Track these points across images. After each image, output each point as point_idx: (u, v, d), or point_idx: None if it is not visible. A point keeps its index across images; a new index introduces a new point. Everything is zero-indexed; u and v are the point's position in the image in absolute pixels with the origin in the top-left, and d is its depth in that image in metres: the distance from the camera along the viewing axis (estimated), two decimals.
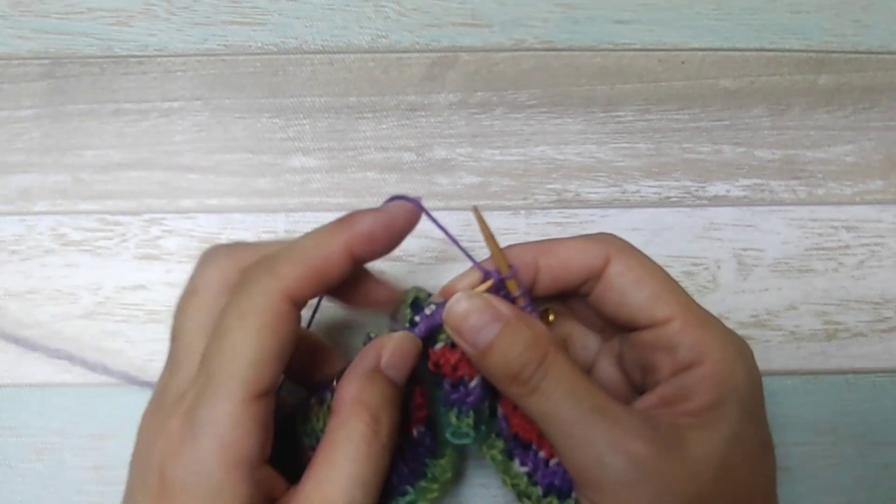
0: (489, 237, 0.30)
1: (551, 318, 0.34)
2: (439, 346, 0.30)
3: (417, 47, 0.43)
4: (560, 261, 0.30)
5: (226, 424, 0.25)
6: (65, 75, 0.42)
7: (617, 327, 0.32)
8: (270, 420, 0.26)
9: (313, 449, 0.29)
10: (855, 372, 0.40)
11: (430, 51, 0.43)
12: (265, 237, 0.41)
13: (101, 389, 0.39)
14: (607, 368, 0.33)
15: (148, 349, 0.39)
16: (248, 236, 0.41)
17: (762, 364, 0.40)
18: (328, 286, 0.28)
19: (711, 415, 0.27)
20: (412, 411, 0.31)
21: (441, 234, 0.41)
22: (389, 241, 0.29)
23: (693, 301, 0.29)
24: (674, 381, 0.28)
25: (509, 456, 0.30)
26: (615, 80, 0.43)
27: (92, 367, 0.38)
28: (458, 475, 0.38)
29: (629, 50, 0.43)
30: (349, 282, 0.30)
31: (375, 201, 0.42)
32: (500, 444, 0.31)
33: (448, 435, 0.30)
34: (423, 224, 0.41)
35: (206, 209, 0.41)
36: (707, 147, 0.43)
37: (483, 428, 0.30)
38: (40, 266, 0.40)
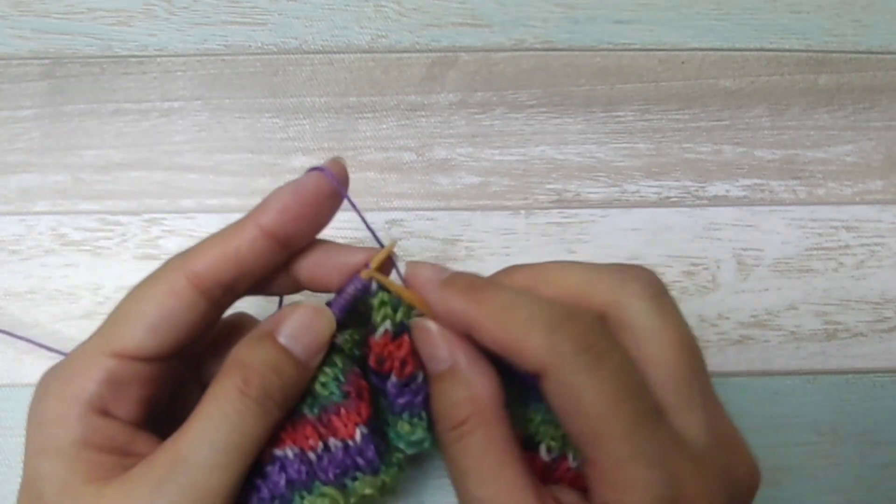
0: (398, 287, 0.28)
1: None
2: (380, 333, 0.27)
3: (417, 47, 0.43)
4: (492, 343, 0.25)
5: (73, 366, 0.26)
6: (65, 75, 0.42)
7: None
8: (133, 381, 0.26)
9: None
10: (855, 372, 0.40)
11: (430, 51, 0.43)
12: None
13: None
14: None
15: None
16: None
17: (762, 364, 0.40)
18: (251, 272, 0.27)
19: None
20: (341, 409, 0.28)
21: (440, 235, 0.41)
22: (307, 212, 0.27)
23: (633, 451, 0.23)
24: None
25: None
26: (615, 80, 0.43)
27: None
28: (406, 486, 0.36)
29: (629, 50, 0.43)
30: (302, 261, 0.29)
31: (375, 201, 0.42)
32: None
33: (402, 445, 0.28)
34: (424, 224, 0.42)
35: (206, 209, 0.41)
36: (707, 147, 0.43)
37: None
38: (40, 266, 0.40)
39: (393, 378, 0.28)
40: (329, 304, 0.28)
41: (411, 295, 0.27)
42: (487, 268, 0.41)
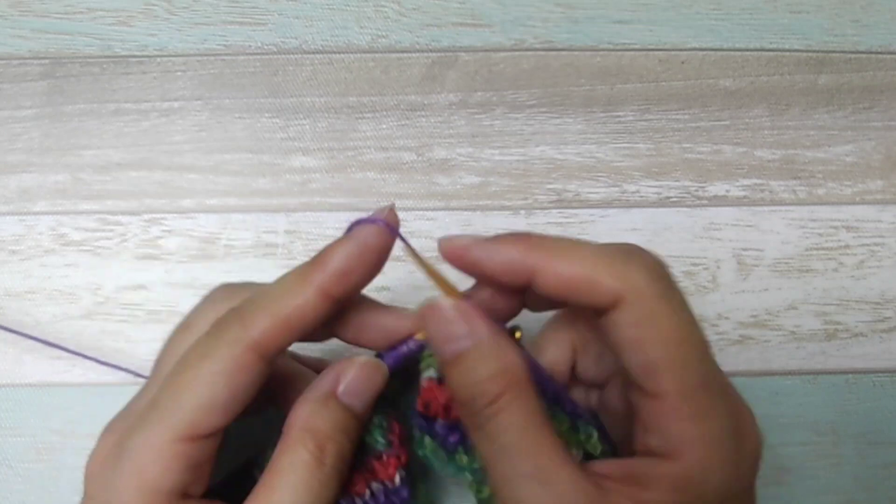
0: (431, 272, 0.27)
1: (518, 335, 0.29)
2: (426, 376, 0.28)
3: (417, 47, 0.43)
4: (560, 282, 0.25)
5: (148, 457, 0.25)
6: (65, 75, 0.42)
7: None
8: (206, 458, 0.26)
9: None
10: (855, 372, 0.40)
11: (430, 51, 0.43)
12: (265, 237, 0.41)
13: (101, 389, 0.39)
14: (615, 392, 0.30)
15: (148, 349, 0.39)
16: (248, 236, 0.41)
17: (762, 364, 0.40)
18: (305, 332, 0.26)
19: None
20: (384, 455, 0.28)
21: (440, 235, 0.41)
22: (366, 271, 0.27)
23: (701, 381, 0.24)
24: (640, 460, 0.25)
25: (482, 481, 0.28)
26: (615, 80, 0.43)
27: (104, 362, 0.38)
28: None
29: (629, 50, 0.43)
30: (347, 317, 0.28)
31: (375, 201, 0.42)
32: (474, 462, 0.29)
33: (464, 475, 0.28)
34: (423, 224, 0.42)
35: (206, 209, 0.41)
36: (707, 147, 0.43)
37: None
38: (40, 266, 0.40)
39: (440, 421, 0.28)
40: (380, 355, 0.28)
41: (441, 281, 0.27)
42: None
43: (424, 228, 0.41)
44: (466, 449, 0.28)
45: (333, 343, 0.30)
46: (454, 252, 0.27)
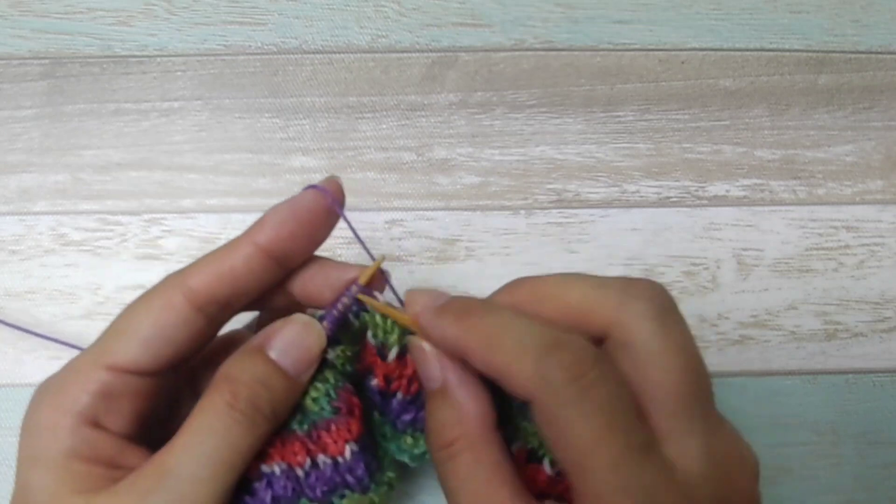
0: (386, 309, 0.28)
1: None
2: (393, 355, 0.28)
3: (417, 47, 0.43)
4: (483, 369, 0.25)
5: (65, 378, 0.27)
6: (65, 75, 0.42)
7: None
8: (126, 394, 0.26)
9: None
10: (855, 372, 0.40)
11: (430, 51, 0.43)
12: None
13: None
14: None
15: None
16: None
17: (762, 364, 0.40)
18: (246, 290, 0.28)
19: None
20: (332, 426, 0.27)
21: (440, 235, 0.41)
22: (303, 231, 0.28)
23: (621, 486, 0.23)
24: None
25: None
26: (615, 80, 0.43)
27: None
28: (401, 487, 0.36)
29: (629, 50, 0.43)
30: (297, 275, 0.29)
31: (375, 201, 0.42)
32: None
33: (406, 459, 0.28)
34: (423, 224, 0.42)
35: (206, 209, 0.41)
36: (707, 147, 0.43)
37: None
38: (40, 266, 0.40)
39: (399, 395, 0.28)
40: (320, 318, 0.28)
41: (397, 314, 0.27)
42: (487, 268, 0.41)
43: (424, 228, 0.41)
44: (415, 430, 0.28)
45: None
46: (412, 312, 0.27)
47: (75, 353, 0.34)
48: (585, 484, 0.23)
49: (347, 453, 0.27)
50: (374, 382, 0.28)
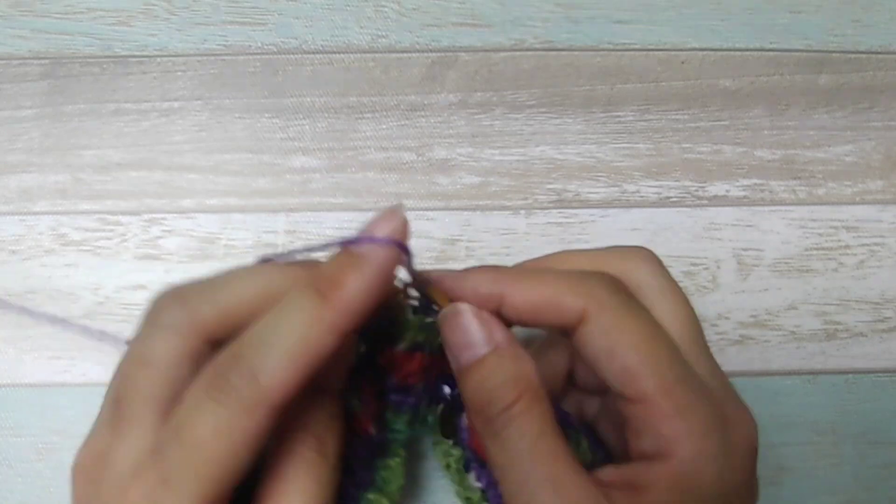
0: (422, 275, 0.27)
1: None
2: (400, 347, 0.28)
3: (417, 47, 0.43)
4: (526, 304, 0.26)
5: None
6: (65, 75, 0.42)
7: None
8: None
9: None
10: (855, 372, 0.40)
11: (430, 51, 0.43)
12: (265, 237, 0.41)
13: (102, 389, 0.39)
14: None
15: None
16: (248, 236, 0.41)
17: (762, 364, 0.40)
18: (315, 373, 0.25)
19: None
20: (361, 408, 0.28)
21: (440, 235, 0.41)
22: (378, 300, 0.24)
23: (682, 377, 0.25)
24: (637, 466, 0.25)
25: (465, 468, 0.29)
26: (615, 80, 0.43)
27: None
28: (410, 489, 0.37)
29: (629, 50, 0.43)
30: None
31: (375, 201, 0.42)
32: (457, 453, 0.29)
33: (385, 432, 0.29)
34: (424, 224, 0.42)
35: (206, 209, 0.41)
36: (707, 147, 0.43)
37: (430, 424, 0.30)
38: (40, 266, 0.40)
39: (394, 380, 0.29)
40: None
41: (437, 292, 0.27)
42: None
43: (424, 228, 0.41)
44: (396, 411, 0.29)
45: None
46: (428, 285, 0.27)
47: (77, 349, 0.34)
48: (650, 380, 0.25)
49: (372, 430, 0.29)
50: (381, 361, 0.29)
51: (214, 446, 0.22)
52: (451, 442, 0.30)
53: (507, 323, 0.27)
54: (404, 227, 0.24)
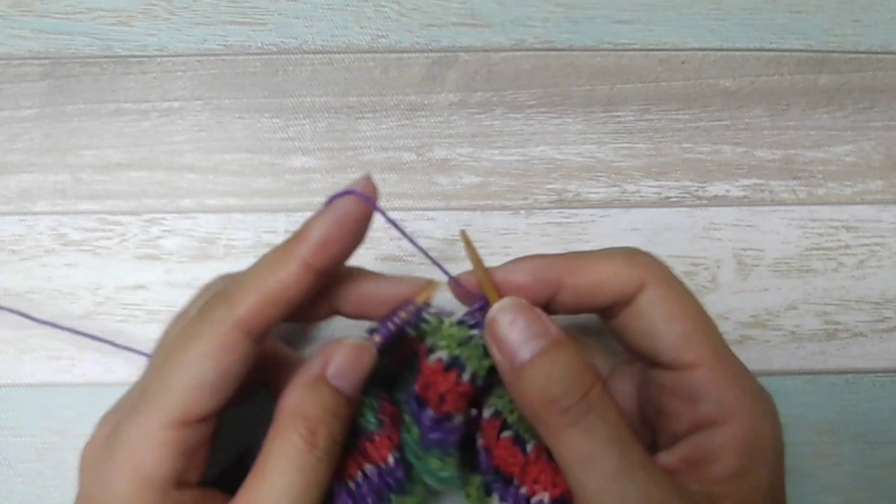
0: (477, 263, 0.27)
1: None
2: (434, 357, 0.27)
3: (417, 47, 0.43)
4: (589, 281, 0.27)
5: (140, 445, 0.25)
6: (65, 75, 0.42)
7: (637, 357, 0.29)
8: (200, 443, 0.26)
9: None
10: (855, 372, 0.40)
11: (430, 51, 0.43)
12: (265, 237, 0.41)
13: (101, 389, 0.39)
14: (622, 398, 0.30)
15: (148, 349, 0.39)
16: (248, 236, 0.41)
17: (762, 364, 0.40)
18: (292, 307, 0.26)
19: (742, 482, 0.25)
20: (377, 427, 0.28)
21: (440, 235, 0.41)
22: (347, 240, 0.27)
23: (726, 349, 0.27)
24: (695, 438, 0.26)
25: (487, 491, 0.28)
26: (615, 80, 0.43)
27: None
28: None
29: (629, 50, 0.43)
30: (345, 291, 0.29)
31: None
32: (476, 479, 0.29)
33: (430, 480, 0.28)
34: (423, 224, 0.42)
35: (206, 209, 0.41)
36: (707, 147, 0.43)
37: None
38: (40, 266, 0.40)
39: (430, 411, 0.27)
40: (371, 331, 0.28)
41: (487, 278, 0.27)
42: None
43: (424, 228, 0.41)
44: (443, 454, 0.27)
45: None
46: (478, 274, 0.28)
47: (80, 345, 0.34)
48: (706, 346, 0.26)
49: (391, 460, 0.28)
50: (415, 388, 0.28)
51: (187, 355, 0.25)
52: (468, 469, 0.29)
53: (561, 309, 0.28)
54: (367, 183, 0.27)
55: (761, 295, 0.41)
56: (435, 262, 0.29)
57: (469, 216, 0.42)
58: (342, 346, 0.27)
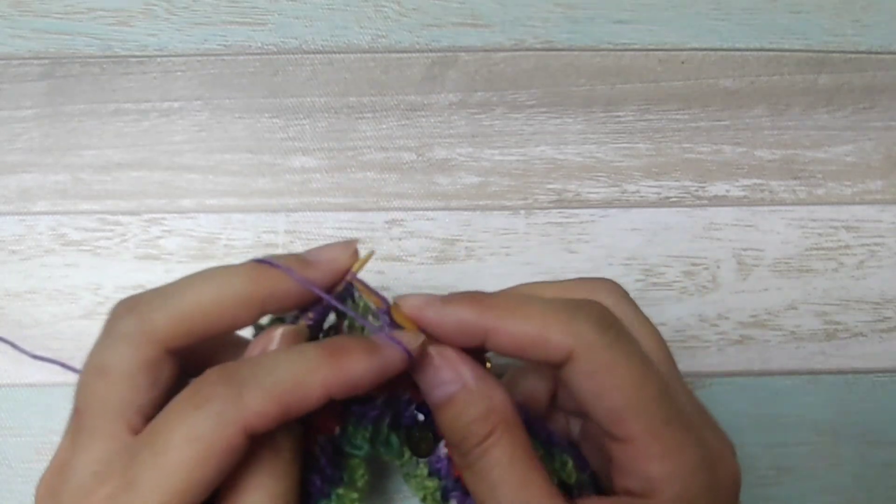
0: (363, 289, 0.28)
1: (488, 365, 0.29)
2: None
3: (417, 47, 0.43)
4: (512, 342, 0.26)
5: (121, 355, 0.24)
6: (65, 75, 0.42)
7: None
8: (164, 381, 0.26)
9: None
10: (855, 372, 0.40)
11: (430, 51, 0.43)
12: (265, 237, 0.41)
13: None
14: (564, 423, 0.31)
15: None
16: (248, 236, 0.41)
17: (762, 364, 0.40)
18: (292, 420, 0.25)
19: None
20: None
21: (440, 235, 0.41)
22: (373, 387, 0.25)
23: (669, 417, 0.25)
24: (622, 500, 0.26)
25: (444, 496, 0.29)
26: (615, 80, 0.43)
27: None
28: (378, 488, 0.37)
29: (629, 50, 0.43)
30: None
31: (375, 201, 0.42)
32: (433, 484, 0.29)
33: (345, 445, 0.28)
34: (423, 224, 0.42)
35: (206, 209, 0.41)
36: (707, 147, 0.43)
37: (393, 448, 0.29)
38: (40, 266, 0.40)
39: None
40: (303, 311, 0.28)
41: (402, 316, 0.27)
42: (487, 268, 0.41)
43: (424, 228, 0.41)
44: (358, 424, 0.28)
45: None
46: (409, 313, 0.27)
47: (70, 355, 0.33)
48: (638, 421, 0.24)
49: (337, 430, 0.28)
50: None
51: (185, 452, 0.22)
52: (425, 473, 0.29)
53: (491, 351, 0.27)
54: (422, 344, 0.26)
55: (761, 295, 0.41)
56: (346, 310, 0.28)
57: (469, 216, 0.42)
58: (275, 337, 0.27)
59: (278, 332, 0.27)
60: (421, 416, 0.29)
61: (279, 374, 0.24)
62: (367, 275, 0.29)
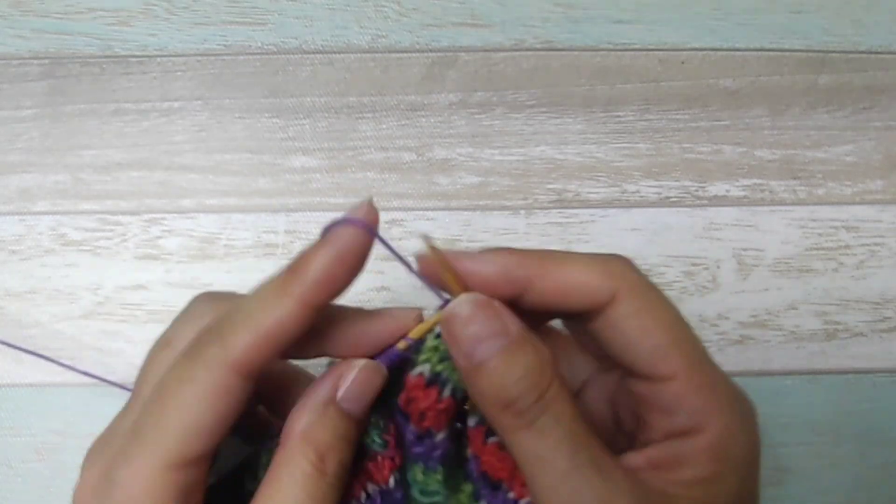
0: (444, 265, 0.26)
1: None
2: (416, 372, 0.26)
3: (417, 47, 0.43)
4: (558, 286, 0.26)
5: (137, 490, 0.24)
6: (65, 75, 0.42)
7: (610, 364, 0.28)
8: (195, 484, 0.25)
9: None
10: (855, 372, 0.40)
11: (430, 51, 0.43)
12: (265, 237, 0.41)
13: (101, 389, 0.39)
14: (597, 402, 0.30)
15: (148, 349, 0.39)
16: (248, 236, 0.41)
17: (762, 364, 0.40)
18: (288, 345, 0.25)
19: (706, 488, 0.25)
20: (383, 449, 0.27)
21: (440, 235, 0.41)
22: (347, 276, 0.25)
23: (703, 356, 0.26)
24: (667, 444, 0.26)
25: (476, 498, 0.27)
26: (615, 80, 0.43)
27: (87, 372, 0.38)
28: None
29: (629, 50, 0.43)
30: (334, 332, 0.27)
31: (375, 201, 0.42)
32: (468, 487, 0.28)
33: (415, 492, 0.27)
34: (423, 224, 0.42)
35: (206, 209, 0.41)
36: (707, 147, 0.43)
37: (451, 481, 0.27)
38: (40, 266, 0.40)
39: (411, 426, 0.27)
40: (377, 357, 0.27)
41: (451, 277, 0.26)
42: None
43: (424, 228, 0.41)
44: (427, 468, 0.27)
45: None
46: (439, 264, 0.26)
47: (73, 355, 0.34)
48: (681, 358, 0.25)
49: (391, 482, 0.27)
50: (398, 400, 0.27)
51: (181, 398, 0.24)
52: (461, 479, 0.28)
53: (531, 310, 0.27)
54: (369, 210, 0.25)
55: (761, 295, 0.41)
56: (431, 288, 0.27)
57: (469, 216, 0.42)
58: (353, 367, 0.26)
59: (356, 362, 0.27)
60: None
61: (251, 309, 0.25)
62: (368, 275, 0.29)
